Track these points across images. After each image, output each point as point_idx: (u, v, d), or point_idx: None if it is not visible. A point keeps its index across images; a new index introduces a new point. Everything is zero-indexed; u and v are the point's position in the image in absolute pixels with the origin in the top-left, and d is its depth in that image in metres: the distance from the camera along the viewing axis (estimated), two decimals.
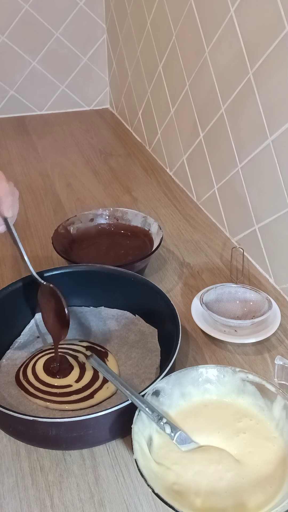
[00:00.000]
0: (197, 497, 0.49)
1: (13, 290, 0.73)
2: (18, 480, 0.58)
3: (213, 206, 1.07)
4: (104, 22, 1.62)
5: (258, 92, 0.83)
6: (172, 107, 1.20)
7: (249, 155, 0.89)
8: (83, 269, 0.78)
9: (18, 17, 1.53)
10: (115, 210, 0.96)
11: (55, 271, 0.77)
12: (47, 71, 1.65)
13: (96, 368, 0.61)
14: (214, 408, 0.59)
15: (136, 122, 1.50)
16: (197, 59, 1.02)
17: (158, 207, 1.14)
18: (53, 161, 1.36)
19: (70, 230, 0.92)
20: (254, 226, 0.92)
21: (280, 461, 0.53)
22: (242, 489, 0.50)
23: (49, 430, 0.55)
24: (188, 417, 0.57)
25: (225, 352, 0.75)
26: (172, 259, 0.96)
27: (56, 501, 0.56)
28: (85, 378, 0.67)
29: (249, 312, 0.78)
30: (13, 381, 0.68)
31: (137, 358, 0.71)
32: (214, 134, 1.02)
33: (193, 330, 0.79)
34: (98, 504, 0.56)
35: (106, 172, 1.31)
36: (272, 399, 0.57)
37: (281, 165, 0.80)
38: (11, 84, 1.63)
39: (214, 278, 0.90)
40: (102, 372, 0.60)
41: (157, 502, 0.55)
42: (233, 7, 0.86)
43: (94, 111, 1.74)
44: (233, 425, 0.56)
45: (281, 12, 0.73)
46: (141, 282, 0.75)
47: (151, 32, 1.25)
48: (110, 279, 0.76)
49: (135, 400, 0.54)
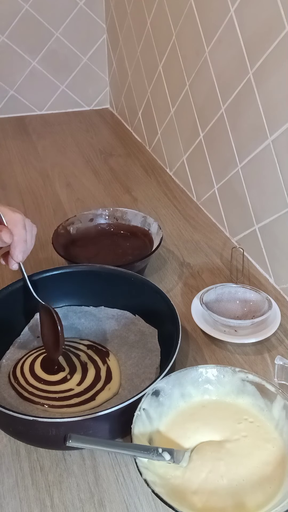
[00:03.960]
0: (197, 497, 0.49)
1: (13, 290, 0.73)
2: (18, 480, 0.58)
3: (213, 206, 1.07)
4: (104, 22, 1.62)
5: (258, 92, 0.83)
6: (172, 107, 1.20)
7: (249, 155, 0.89)
8: (83, 269, 0.78)
9: (18, 17, 1.53)
10: (115, 210, 0.96)
11: (55, 271, 0.77)
12: (47, 71, 1.65)
13: (80, 447, 0.53)
14: (213, 409, 0.58)
15: (136, 122, 1.50)
16: (197, 59, 1.02)
17: (158, 207, 1.14)
18: (53, 161, 1.36)
19: (70, 230, 0.92)
20: (254, 226, 0.92)
21: (280, 462, 0.53)
22: (242, 489, 0.50)
23: (49, 430, 0.55)
24: (188, 418, 0.57)
25: (225, 352, 0.75)
26: (172, 259, 0.96)
27: (56, 501, 0.56)
28: (87, 380, 0.67)
29: (249, 312, 0.78)
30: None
31: (137, 358, 0.70)
32: (214, 134, 1.02)
33: (193, 330, 0.79)
34: (98, 504, 0.56)
35: (106, 172, 1.31)
36: (272, 399, 0.57)
37: (281, 165, 0.80)
38: (11, 84, 1.63)
39: (214, 278, 0.90)
40: (88, 447, 0.52)
41: (157, 502, 0.55)
42: (233, 7, 0.86)
43: (94, 111, 1.74)
44: (232, 426, 0.56)
45: (281, 12, 0.73)
46: (141, 282, 0.75)
47: (151, 32, 1.25)
48: (110, 279, 0.76)
49: (127, 453, 0.51)
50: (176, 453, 0.51)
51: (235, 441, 0.55)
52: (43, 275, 0.75)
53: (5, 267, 0.92)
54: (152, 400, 0.56)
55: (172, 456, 0.51)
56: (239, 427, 0.56)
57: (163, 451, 0.50)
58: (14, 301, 0.73)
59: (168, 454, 0.51)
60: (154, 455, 0.50)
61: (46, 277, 0.75)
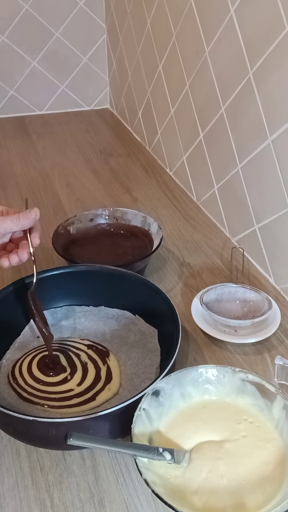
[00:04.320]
0: (197, 497, 0.49)
1: (13, 290, 0.73)
2: (18, 480, 0.58)
3: (213, 206, 1.07)
4: (104, 22, 1.62)
5: (258, 92, 0.83)
6: (172, 107, 1.20)
7: (249, 155, 0.89)
8: (83, 269, 0.78)
9: (18, 17, 1.53)
10: (114, 210, 0.96)
11: (55, 271, 0.77)
12: (47, 71, 1.65)
13: (81, 445, 0.51)
14: (213, 409, 0.58)
15: (136, 122, 1.50)
16: (197, 59, 1.02)
17: (158, 207, 1.14)
18: (53, 161, 1.36)
19: (70, 230, 0.92)
20: (254, 226, 0.92)
21: (280, 462, 0.53)
22: (242, 489, 0.50)
23: (49, 430, 0.55)
24: (188, 419, 0.57)
25: (225, 352, 0.75)
26: (172, 259, 0.96)
27: (56, 501, 0.56)
28: (87, 380, 0.67)
29: (249, 312, 0.78)
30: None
31: (137, 358, 0.70)
32: (214, 134, 1.02)
33: (193, 330, 0.79)
34: (98, 504, 0.56)
35: (106, 172, 1.31)
36: (272, 399, 0.57)
37: (281, 165, 0.80)
38: (11, 84, 1.63)
39: (214, 278, 0.90)
40: (89, 446, 0.53)
41: (157, 502, 0.55)
42: (233, 7, 0.86)
43: (94, 111, 1.74)
44: (232, 426, 0.56)
45: (281, 12, 0.73)
46: (141, 282, 0.75)
47: (151, 32, 1.25)
48: (110, 279, 0.76)
49: (127, 452, 0.51)
50: (177, 453, 0.52)
51: (234, 441, 0.55)
52: (43, 275, 0.75)
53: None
54: (152, 400, 0.56)
55: (173, 456, 0.51)
56: (239, 427, 0.56)
57: (163, 450, 0.51)
58: (14, 301, 0.73)
59: (168, 454, 0.51)
60: (154, 454, 0.50)
61: (46, 277, 0.75)
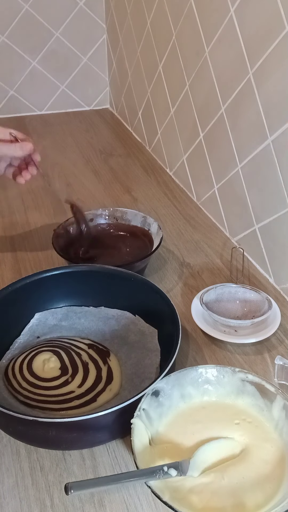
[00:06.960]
0: (197, 497, 0.49)
1: (13, 290, 0.73)
2: (18, 480, 0.58)
3: (213, 206, 1.07)
4: (104, 22, 1.62)
5: (258, 92, 0.83)
6: (172, 107, 1.20)
7: (249, 155, 0.89)
8: (83, 269, 0.78)
9: (18, 17, 1.53)
10: (114, 210, 0.96)
11: (55, 271, 0.76)
12: (47, 71, 1.65)
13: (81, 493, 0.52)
14: (213, 410, 0.58)
15: (136, 122, 1.50)
16: (197, 59, 1.02)
17: (158, 207, 1.14)
18: (53, 161, 1.36)
19: (69, 230, 0.92)
20: (254, 226, 0.92)
21: (279, 461, 0.53)
22: (242, 489, 0.50)
23: (49, 430, 0.55)
24: (188, 419, 0.57)
25: (225, 352, 0.75)
26: (172, 259, 0.96)
27: (56, 501, 0.56)
28: (88, 381, 0.66)
29: (249, 312, 0.78)
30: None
31: (137, 358, 0.70)
32: (214, 134, 1.02)
33: (193, 330, 0.79)
34: (98, 504, 0.56)
35: (106, 172, 1.31)
36: (272, 399, 0.57)
37: (281, 165, 0.80)
38: (11, 84, 1.63)
39: (214, 278, 0.90)
40: (92, 491, 0.54)
41: (157, 502, 0.55)
42: (233, 7, 0.86)
43: (94, 111, 1.74)
44: (232, 427, 0.56)
45: (281, 12, 0.73)
46: (141, 282, 0.75)
47: (151, 32, 1.25)
48: (110, 279, 0.76)
49: (134, 481, 0.50)
50: (181, 465, 0.50)
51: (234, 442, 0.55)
52: (43, 275, 0.75)
53: (5, 267, 0.93)
54: (152, 400, 0.56)
55: (178, 470, 0.50)
56: (239, 428, 0.56)
57: (168, 468, 0.50)
58: (14, 301, 0.73)
59: (174, 470, 0.49)
60: (160, 475, 0.49)
61: (46, 277, 0.75)
